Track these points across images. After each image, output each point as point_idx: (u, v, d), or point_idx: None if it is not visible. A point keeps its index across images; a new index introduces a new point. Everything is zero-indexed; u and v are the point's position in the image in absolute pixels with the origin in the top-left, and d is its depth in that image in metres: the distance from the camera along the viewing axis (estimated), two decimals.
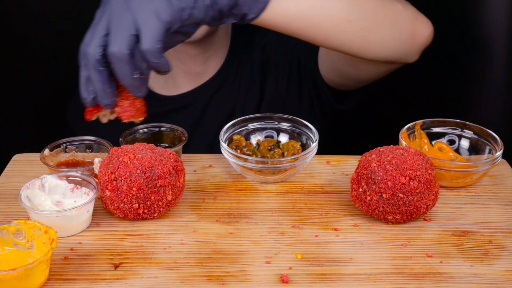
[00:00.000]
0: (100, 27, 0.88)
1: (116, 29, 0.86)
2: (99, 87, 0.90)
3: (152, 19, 0.86)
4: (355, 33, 1.03)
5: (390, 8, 1.06)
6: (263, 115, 1.07)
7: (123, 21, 0.86)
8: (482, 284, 0.81)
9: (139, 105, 0.95)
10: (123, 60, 0.87)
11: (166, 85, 1.33)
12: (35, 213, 0.86)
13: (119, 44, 0.86)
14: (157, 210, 0.90)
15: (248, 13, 0.96)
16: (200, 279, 0.81)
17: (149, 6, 0.86)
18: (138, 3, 0.87)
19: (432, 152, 1.03)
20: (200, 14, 0.91)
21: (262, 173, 0.98)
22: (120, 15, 0.87)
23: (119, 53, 0.86)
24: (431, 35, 1.11)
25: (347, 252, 0.86)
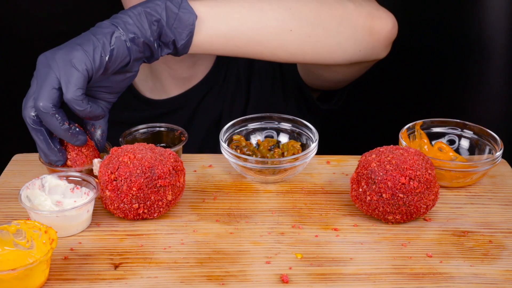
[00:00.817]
0: (31, 91, 0.93)
1: (40, 87, 0.91)
2: (43, 147, 0.94)
3: (69, 69, 0.90)
4: (302, 41, 1.03)
5: (338, 9, 1.05)
6: (263, 115, 1.07)
7: (47, 78, 0.91)
8: (482, 284, 0.81)
9: (86, 152, 0.97)
10: (48, 113, 0.90)
11: (155, 89, 1.33)
12: (35, 213, 0.86)
13: (43, 99, 0.90)
14: (157, 210, 0.90)
15: (177, 40, 0.96)
16: (200, 279, 0.81)
17: (66, 58, 0.90)
18: (57, 60, 0.91)
19: (432, 152, 1.03)
20: (123, 55, 0.93)
21: (262, 173, 0.98)
22: (44, 74, 0.91)
23: (43, 107, 0.90)
24: (393, 28, 1.10)
25: (347, 252, 0.86)
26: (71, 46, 0.92)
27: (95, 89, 0.95)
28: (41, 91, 0.90)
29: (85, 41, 0.92)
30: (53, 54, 0.92)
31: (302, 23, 1.02)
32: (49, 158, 0.95)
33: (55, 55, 0.92)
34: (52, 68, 0.91)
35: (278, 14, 1.01)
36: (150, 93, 1.33)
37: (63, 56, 0.91)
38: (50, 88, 0.90)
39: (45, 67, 0.92)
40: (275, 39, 1.01)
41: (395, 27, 1.11)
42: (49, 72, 0.91)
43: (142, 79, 1.35)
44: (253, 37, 1.00)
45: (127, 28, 0.93)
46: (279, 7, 1.01)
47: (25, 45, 1.45)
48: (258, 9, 1.00)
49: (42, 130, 0.93)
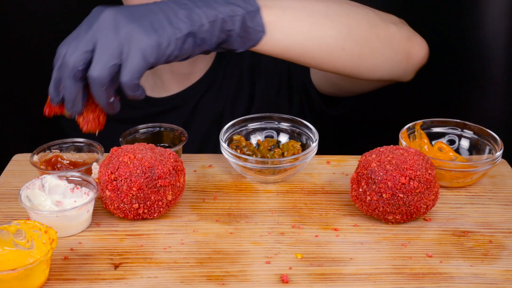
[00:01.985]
0: (85, 42, 0.88)
1: (101, 53, 0.87)
2: (70, 97, 0.90)
3: (138, 57, 0.87)
4: (349, 59, 1.04)
5: (384, 31, 1.06)
6: (263, 115, 1.07)
7: (109, 48, 0.87)
8: (482, 284, 0.81)
9: (102, 120, 0.95)
10: (102, 86, 0.87)
11: (155, 87, 1.33)
12: (35, 213, 0.86)
13: (101, 70, 0.86)
14: (157, 210, 0.90)
15: (237, 49, 0.97)
16: (200, 279, 0.81)
17: (137, 44, 0.87)
18: (128, 36, 0.87)
19: (432, 152, 1.03)
20: (186, 54, 0.92)
21: (262, 173, 0.98)
22: (108, 41, 0.87)
23: (99, 79, 0.87)
24: (426, 55, 1.12)
25: (347, 252, 0.86)
26: (145, 24, 0.87)
27: None
28: (101, 60, 0.86)
29: (162, 30, 0.88)
30: (126, 24, 0.87)
31: (354, 43, 1.03)
32: (69, 108, 0.90)
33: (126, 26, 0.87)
34: (120, 41, 0.86)
35: (336, 32, 1.02)
36: (151, 91, 1.33)
37: (136, 36, 0.87)
38: (111, 62, 0.87)
39: (111, 32, 0.87)
40: (328, 55, 1.02)
41: (428, 54, 1.13)
42: (113, 43, 0.86)
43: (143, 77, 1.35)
44: (311, 51, 1.01)
45: (200, 31, 0.91)
46: (337, 25, 1.02)
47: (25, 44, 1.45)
48: (320, 26, 1.01)
49: (81, 85, 0.89)
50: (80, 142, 1.01)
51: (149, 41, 0.87)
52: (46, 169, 0.97)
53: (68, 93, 0.89)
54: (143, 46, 0.87)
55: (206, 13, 0.92)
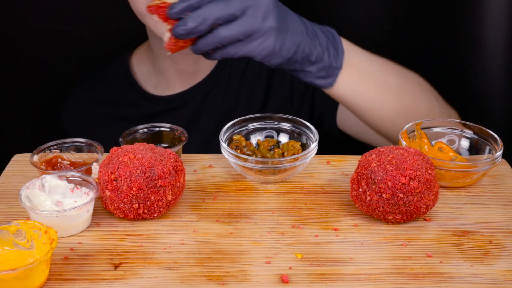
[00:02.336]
0: (237, 8, 0.93)
1: (240, 25, 0.93)
2: (189, 30, 0.93)
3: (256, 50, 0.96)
4: (393, 129, 1.10)
5: (427, 108, 1.12)
6: (263, 115, 1.07)
7: (249, 28, 0.94)
8: (482, 284, 0.81)
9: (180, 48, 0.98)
10: (219, 44, 0.94)
11: (159, 85, 1.33)
12: (35, 213, 0.86)
13: (230, 37, 0.93)
14: (157, 210, 0.90)
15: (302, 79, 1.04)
16: (200, 279, 0.81)
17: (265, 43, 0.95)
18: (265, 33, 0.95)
19: (432, 152, 1.03)
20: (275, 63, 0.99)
21: (262, 173, 0.98)
22: (252, 22, 0.94)
23: (223, 40, 0.93)
24: None
25: (347, 252, 0.86)
26: (280, 36, 0.96)
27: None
28: (236, 31, 0.93)
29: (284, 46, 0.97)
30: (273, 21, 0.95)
31: (405, 121, 1.08)
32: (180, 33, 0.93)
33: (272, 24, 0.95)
34: (258, 30, 0.94)
35: (394, 107, 1.09)
36: (154, 89, 1.33)
37: (269, 36, 0.95)
38: (240, 37, 0.93)
39: (260, 20, 0.93)
40: (377, 120, 1.10)
41: None
42: (253, 29, 0.93)
43: (146, 75, 1.35)
44: (364, 112, 1.09)
45: (292, 56, 0.99)
46: (399, 104, 1.09)
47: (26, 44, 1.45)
48: (384, 98, 1.08)
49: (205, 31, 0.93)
50: (80, 142, 1.01)
51: (272, 47, 0.96)
52: (46, 169, 0.97)
53: (193, 27, 0.92)
54: (266, 46, 0.95)
55: (307, 49, 1.00)
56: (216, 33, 0.93)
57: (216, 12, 0.92)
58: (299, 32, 0.99)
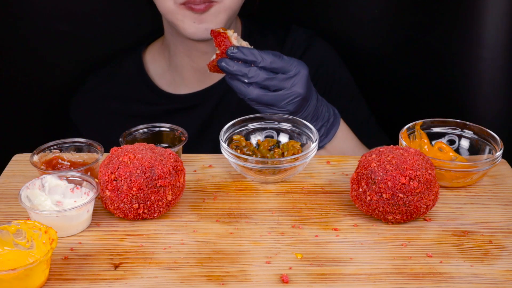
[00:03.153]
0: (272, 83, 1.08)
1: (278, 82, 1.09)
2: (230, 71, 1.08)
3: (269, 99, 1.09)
4: None
5: None
6: (263, 115, 1.07)
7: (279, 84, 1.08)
8: (482, 284, 0.81)
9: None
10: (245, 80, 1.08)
11: (174, 83, 1.32)
12: (35, 213, 0.86)
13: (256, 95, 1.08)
14: (157, 210, 0.90)
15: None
16: (200, 279, 0.81)
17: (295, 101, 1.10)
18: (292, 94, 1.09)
19: (432, 152, 1.03)
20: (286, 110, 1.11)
21: (262, 173, 0.98)
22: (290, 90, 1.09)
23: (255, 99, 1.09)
24: None
25: (347, 252, 0.86)
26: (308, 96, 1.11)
27: None
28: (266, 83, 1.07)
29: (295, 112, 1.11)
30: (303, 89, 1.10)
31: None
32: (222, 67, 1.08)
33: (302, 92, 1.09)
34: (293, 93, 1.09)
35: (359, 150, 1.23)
36: (168, 86, 1.33)
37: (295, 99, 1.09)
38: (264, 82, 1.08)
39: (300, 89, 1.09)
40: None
41: None
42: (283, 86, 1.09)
43: (160, 72, 1.35)
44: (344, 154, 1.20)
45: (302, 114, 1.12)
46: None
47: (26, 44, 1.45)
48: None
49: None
50: (80, 142, 1.01)
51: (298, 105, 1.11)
52: (46, 169, 0.97)
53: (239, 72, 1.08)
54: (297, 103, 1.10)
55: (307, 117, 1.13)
56: (251, 89, 1.07)
57: (259, 78, 1.07)
58: (309, 110, 1.12)
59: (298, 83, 1.09)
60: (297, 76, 1.09)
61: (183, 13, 1.17)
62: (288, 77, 1.08)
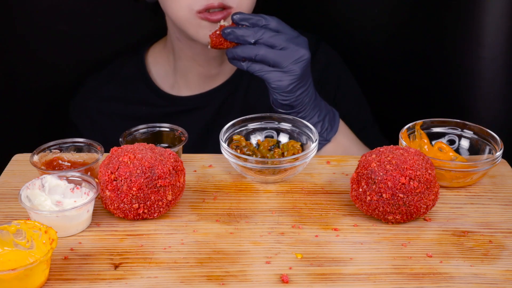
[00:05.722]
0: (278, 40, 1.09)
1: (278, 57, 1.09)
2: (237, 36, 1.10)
3: (273, 78, 1.10)
4: None
5: None
6: (263, 115, 1.07)
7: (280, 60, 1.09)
8: (482, 284, 0.81)
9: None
10: (253, 57, 1.09)
11: (176, 85, 1.32)
12: (35, 213, 0.86)
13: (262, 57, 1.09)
14: (157, 210, 0.90)
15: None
16: (200, 279, 0.81)
17: (285, 80, 1.10)
18: (289, 74, 1.10)
19: (432, 152, 1.03)
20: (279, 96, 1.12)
21: (262, 173, 0.98)
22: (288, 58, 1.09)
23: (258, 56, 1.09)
24: None
25: (347, 252, 0.86)
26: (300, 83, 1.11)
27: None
28: (269, 58, 1.08)
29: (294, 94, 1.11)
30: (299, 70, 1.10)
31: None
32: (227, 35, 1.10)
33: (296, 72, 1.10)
34: (286, 67, 1.09)
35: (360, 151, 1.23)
36: (170, 89, 1.33)
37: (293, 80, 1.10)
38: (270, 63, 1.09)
39: (294, 64, 1.09)
40: None
41: None
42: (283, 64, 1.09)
43: (162, 74, 1.34)
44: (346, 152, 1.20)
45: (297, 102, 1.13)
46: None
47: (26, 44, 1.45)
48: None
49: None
50: (80, 142, 1.01)
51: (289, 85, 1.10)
52: (46, 169, 0.97)
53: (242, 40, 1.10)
54: (282, 84, 1.10)
55: (306, 111, 1.14)
56: (257, 47, 1.08)
57: (265, 36, 1.08)
58: (310, 95, 1.13)
59: (304, 43, 1.10)
60: (302, 38, 1.10)
61: (199, 23, 1.15)
62: (294, 36, 1.10)
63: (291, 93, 1.10)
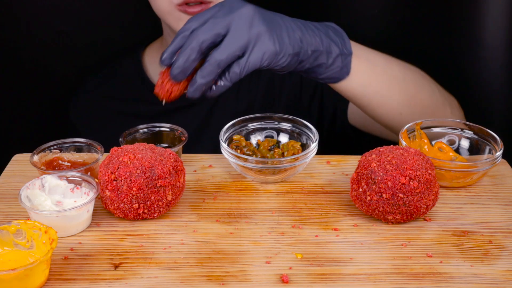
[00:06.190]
0: (221, 25, 0.93)
1: (231, 40, 0.93)
2: (184, 63, 0.93)
3: (258, 56, 0.94)
4: (400, 121, 1.11)
5: (440, 111, 1.15)
6: (263, 115, 1.07)
7: (240, 39, 0.93)
8: (482, 284, 0.81)
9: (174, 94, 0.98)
10: (218, 68, 0.93)
11: None
12: (35, 213, 0.86)
13: (227, 55, 0.92)
14: (157, 210, 0.90)
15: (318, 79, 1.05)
16: (200, 279, 0.81)
17: (262, 45, 0.94)
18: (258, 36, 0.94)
19: (432, 152, 1.03)
20: (286, 69, 0.99)
21: (262, 173, 0.98)
22: (241, 33, 0.93)
23: (221, 61, 0.92)
24: None
25: (347, 252, 0.86)
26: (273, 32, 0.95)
27: None
28: (230, 49, 0.92)
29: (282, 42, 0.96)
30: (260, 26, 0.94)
31: (411, 111, 1.11)
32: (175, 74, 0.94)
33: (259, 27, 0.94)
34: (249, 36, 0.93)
35: (401, 99, 1.10)
36: None
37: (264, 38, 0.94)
38: (237, 53, 0.93)
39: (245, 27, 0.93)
40: (386, 114, 1.11)
41: None
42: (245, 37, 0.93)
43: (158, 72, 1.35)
44: (372, 105, 1.09)
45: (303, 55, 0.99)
46: (405, 93, 1.10)
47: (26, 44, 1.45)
48: (391, 88, 1.09)
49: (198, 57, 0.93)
50: (80, 142, 1.01)
51: (272, 48, 0.94)
52: (46, 169, 0.97)
53: (184, 60, 0.93)
54: (266, 49, 0.94)
55: (312, 41, 0.99)
56: (211, 58, 0.92)
57: (200, 35, 0.92)
58: (296, 28, 0.98)
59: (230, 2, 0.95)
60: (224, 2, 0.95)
61: (178, 15, 1.17)
62: (217, 10, 0.95)
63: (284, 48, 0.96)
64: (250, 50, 0.93)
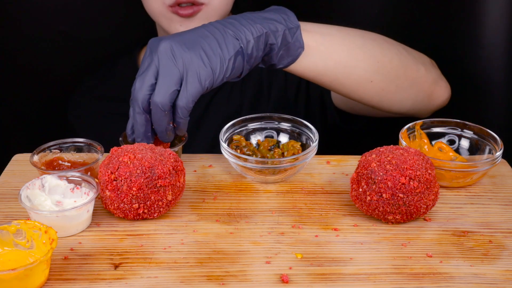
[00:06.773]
0: (149, 76, 0.93)
1: (162, 81, 0.93)
2: (139, 130, 0.96)
3: (195, 82, 0.93)
4: (375, 92, 1.09)
5: (413, 71, 1.12)
6: (263, 115, 1.07)
7: (170, 76, 0.93)
8: (482, 284, 0.81)
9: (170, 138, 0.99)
10: (163, 110, 0.93)
11: None
12: (35, 213, 0.86)
13: (163, 96, 0.92)
14: (157, 210, 0.90)
15: (277, 64, 1.02)
16: (200, 279, 0.81)
17: (194, 71, 0.93)
18: (186, 64, 0.93)
19: (432, 152, 1.03)
20: (237, 73, 0.98)
21: (262, 173, 0.98)
22: (168, 70, 0.93)
23: (161, 104, 0.92)
24: (447, 99, 1.19)
25: (347, 252, 0.86)
26: (199, 52, 0.94)
27: None
28: (164, 88, 0.92)
29: (215, 55, 0.94)
30: (181, 53, 0.93)
31: (383, 78, 1.09)
32: (140, 140, 0.96)
33: (182, 55, 0.93)
34: (177, 68, 0.93)
35: (367, 65, 1.07)
36: None
37: (193, 64, 0.93)
38: (173, 88, 0.92)
39: (171, 62, 0.93)
40: (356, 85, 1.08)
41: (449, 97, 1.19)
42: (174, 71, 0.92)
43: None
44: (339, 78, 1.07)
45: (247, 48, 0.96)
46: (370, 59, 1.07)
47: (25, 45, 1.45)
48: (354, 57, 1.07)
49: (147, 116, 0.94)
50: (80, 142, 1.01)
51: (204, 68, 0.93)
52: (46, 169, 0.97)
53: (138, 127, 0.96)
54: (198, 72, 0.93)
55: (251, 29, 0.97)
56: (152, 105, 0.93)
57: (137, 95, 0.93)
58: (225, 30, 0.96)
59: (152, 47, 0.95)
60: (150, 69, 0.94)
61: (170, 17, 1.17)
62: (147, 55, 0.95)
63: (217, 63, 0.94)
64: (185, 80, 0.93)
